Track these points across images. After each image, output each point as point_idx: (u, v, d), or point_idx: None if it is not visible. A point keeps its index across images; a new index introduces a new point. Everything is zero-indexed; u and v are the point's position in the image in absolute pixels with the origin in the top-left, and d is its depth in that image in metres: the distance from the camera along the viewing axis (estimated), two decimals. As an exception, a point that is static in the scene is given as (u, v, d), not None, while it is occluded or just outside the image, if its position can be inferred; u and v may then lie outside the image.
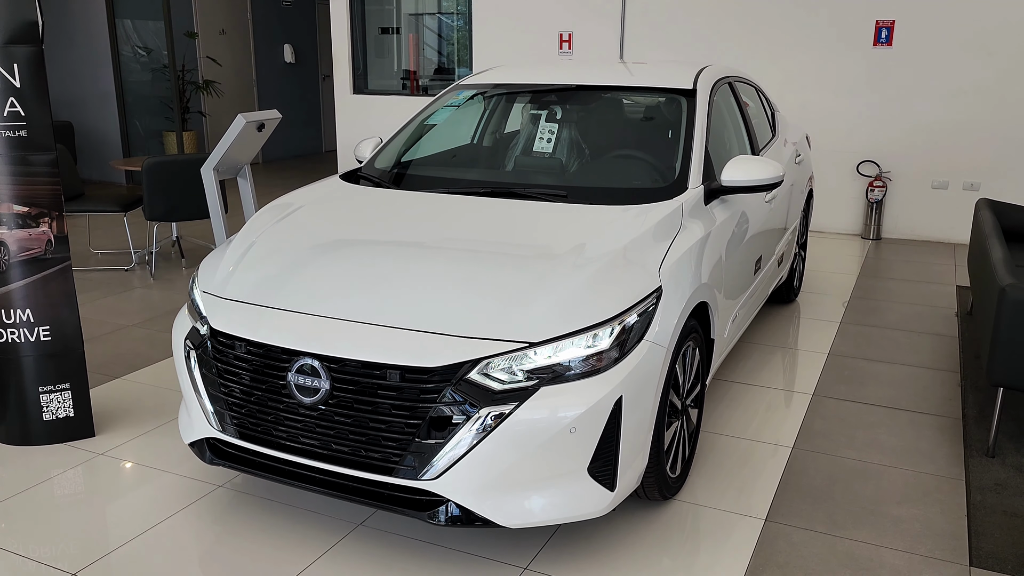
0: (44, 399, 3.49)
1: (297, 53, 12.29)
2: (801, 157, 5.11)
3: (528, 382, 2.47)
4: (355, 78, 9.53)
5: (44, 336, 3.44)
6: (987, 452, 3.46)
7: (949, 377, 4.28)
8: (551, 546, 2.81)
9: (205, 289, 2.99)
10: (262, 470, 2.76)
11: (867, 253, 6.93)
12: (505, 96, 4.30)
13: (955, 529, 2.93)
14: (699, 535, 2.89)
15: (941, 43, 6.95)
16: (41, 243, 3.38)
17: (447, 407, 2.45)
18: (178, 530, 2.92)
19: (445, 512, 2.50)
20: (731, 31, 7.59)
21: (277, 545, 2.83)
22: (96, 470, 3.35)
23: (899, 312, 5.35)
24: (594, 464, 2.54)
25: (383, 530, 2.90)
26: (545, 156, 3.93)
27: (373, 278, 2.79)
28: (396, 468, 2.51)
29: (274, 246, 3.11)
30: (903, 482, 3.25)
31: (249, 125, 5.18)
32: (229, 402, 2.76)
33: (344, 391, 2.54)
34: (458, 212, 3.27)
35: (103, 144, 10.43)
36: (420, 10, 9.84)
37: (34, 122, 3.27)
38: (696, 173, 3.42)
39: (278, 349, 2.63)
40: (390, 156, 3.97)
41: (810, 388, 4.12)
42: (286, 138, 12.32)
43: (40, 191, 3.34)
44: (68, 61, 10.41)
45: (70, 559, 2.75)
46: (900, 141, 7.26)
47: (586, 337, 2.54)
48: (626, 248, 2.85)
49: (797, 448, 3.50)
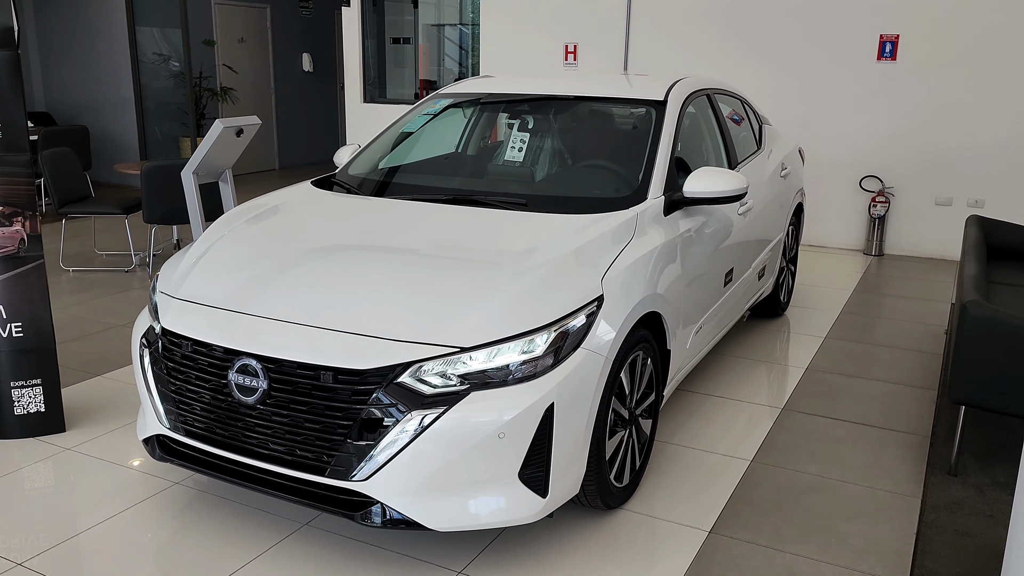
0: (15, 394, 3.58)
1: (315, 62, 12.47)
2: (788, 170, 5.09)
3: (460, 387, 2.50)
4: (366, 87, 9.65)
5: (16, 332, 3.53)
6: (949, 471, 3.42)
7: (925, 395, 4.23)
8: (490, 551, 2.82)
9: (163, 289, 3.06)
10: (207, 467, 2.81)
11: (867, 269, 6.86)
12: (484, 106, 4.34)
13: (901, 546, 2.89)
14: (639, 545, 2.88)
15: (946, 57, 6.88)
16: (14, 241, 3.47)
17: (378, 409, 2.48)
18: (129, 524, 2.98)
19: (374, 513, 2.53)
20: (734, 45, 7.57)
21: (223, 541, 2.87)
22: (61, 464, 3.42)
23: (887, 328, 5.29)
24: (525, 470, 2.56)
25: (326, 530, 2.93)
26: (516, 165, 3.96)
27: (317, 281, 2.83)
28: (328, 468, 2.55)
29: (230, 249, 3.17)
30: (857, 498, 3.21)
31: (227, 130, 5.29)
32: (177, 400, 2.82)
33: (280, 391, 2.59)
34: (415, 218, 3.31)
35: (122, 148, 10.66)
36: (434, 21, 9.95)
37: (9, 124, 3.37)
38: (657, 184, 3.43)
39: (220, 348, 2.69)
40: (364, 163, 4.02)
41: (781, 402, 4.10)
42: (303, 145, 12.51)
43: (14, 191, 3.43)
44: (89, 67, 10.66)
45: (19, 550, 2.82)
46: (904, 156, 7.18)
47: (521, 343, 2.56)
48: (570, 256, 2.87)
49: (756, 462, 3.48)
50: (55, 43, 10.91)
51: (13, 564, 2.74)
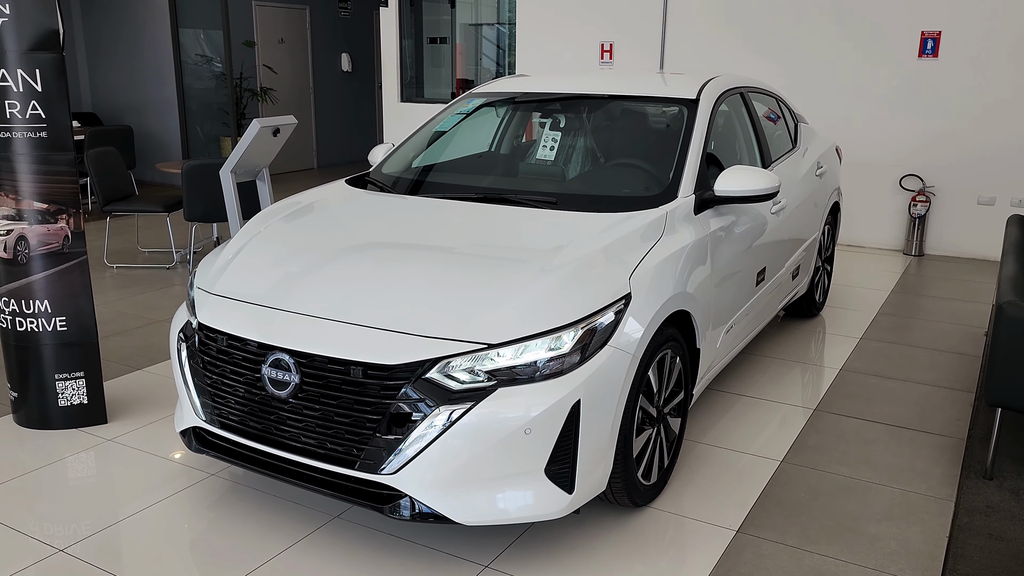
0: (60, 386, 3.69)
1: (354, 62, 12.60)
2: (824, 169, 5.03)
3: (487, 383, 2.53)
4: (403, 87, 9.73)
5: (60, 326, 3.64)
6: (985, 474, 3.37)
7: (962, 397, 4.16)
8: (517, 546, 2.85)
9: (199, 285, 3.13)
10: (240, 459, 2.88)
11: (906, 269, 6.76)
12: (517, 105, 4.37)
13: (932, 550, 2.86)
14: (666, 543, 2.89)
15: (989, 54, 6.75)
16: (59, 238, 3.58)
17: (406, 404, 2.52)
18: (167, 513, 3.06)
19: (403, 507, 2.57)
20: (772, 43, 7.50)
21: (256, 531, 2.94)
22: (102, 455, 3.52)
23: (925, 330, 5.21)
24: (552, 466, 2.58)
25: (357, 523, 2.98)
26: (547, 164, 3.98)
27: (348, 278, 2.88)
28: (358, 462, 2.59)
29: (265, 246, 3.23)
30: (888, 500, 3.18)
31: (264, 130, 5.38)
32: (212, 393, 2.89)
33: (312, 385, 2.64)
34: (445, 217, 3.35)
35: (165, 147, 10.89)
36: (472, 21, 10.00)
37: (54, 124, 3.47)
38: (688, 182, 3.42)
39: (254, 343, 2.75)
40: (397, 162, 4.07)
41: (813, 403, 4.06)
42: (341, 144, 12.65)
43: (59, 189, 3.54)
44: (134, 68, 10.90)
45: (61, 537, 2.91)
46: (945, 155, 7.06)
47: (549, 340, 2.59)
48: (599, 253, 2.88)
49: (786, 462, 3.46)
50: (101, 45, 11.17)
51: (55, 550, 2.83)
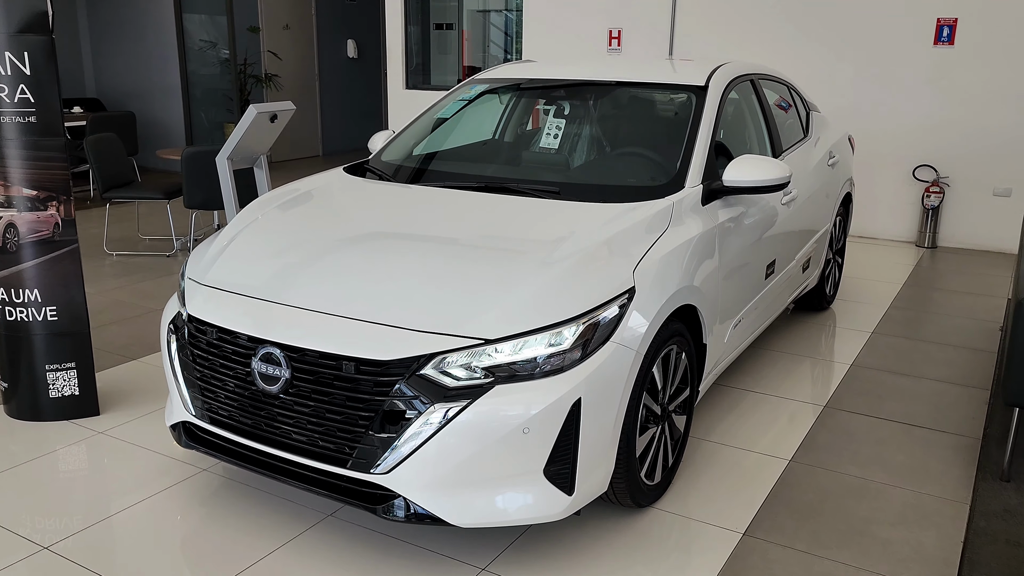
0: (51, 377, 3.60)
1: (359, 48, 12.47)
2: (836, 159, 4.90)
3: (484, 380, 2.43)
4: (409, 73, 9.60)
5: (51, 316, 3.55)
6: (1002, 476, 3.25)
7: (977, 395, 4.04)
8: (515, 547, 2.75)
9: (190, 275, 3.04)
10: (231, 456, 2.79)
11: (919, 262, 6.62)
12: (521, 91, 4.25)
13: (947, 555, 2.75)
14: (670, 546, 2.79)
15: (1006, 42, 6.58)
16: (49, 225, 3.49)
17: (400, 401, 2.42)
18: (157, 510, 2.97)
19: (396, 507, 2.47)
20: (783, 30, 7.35)
21: (248, 529, 2.85)
22: (93, 448, 3.44)
23: (939, 324, 5.09)
24: (551, 466, 2.48)
25: (350, 522, 2.89)
26: (551, 152, 3.86)
27: (341, 270, 2.78)
28: (350, 460, 2.50)
29: (258, 236, 3.14)
30: (901, 503, 3.07)
31: (261, 116, 5.27)
32: (202, 387, 2.80)
33: (303, 381, 2.55)
34: (444, 207, 3.24)
35: (169, 134, 10.80)
36: (479, 7, 9.85)
37: (43, 108, 3.37)
38: (696, 172, 3.31)
39: (243, 336, 2.65)
40: (397, 150, 3.97)
41: (823, 400, 3.95)
42: (347, 131, 12.54)
43: (49, 175, 3.45)
44: (138, 54, 10.81)
45: (47, 532, 2.83)
46: (960, 145, 6.91)
47: (549, 335, 2.48)
48: (601, 246, 2.77)
49: (795, 461, 3.36)
50: (105, 30, 11.07)
51: (40, 547, 2.75)
